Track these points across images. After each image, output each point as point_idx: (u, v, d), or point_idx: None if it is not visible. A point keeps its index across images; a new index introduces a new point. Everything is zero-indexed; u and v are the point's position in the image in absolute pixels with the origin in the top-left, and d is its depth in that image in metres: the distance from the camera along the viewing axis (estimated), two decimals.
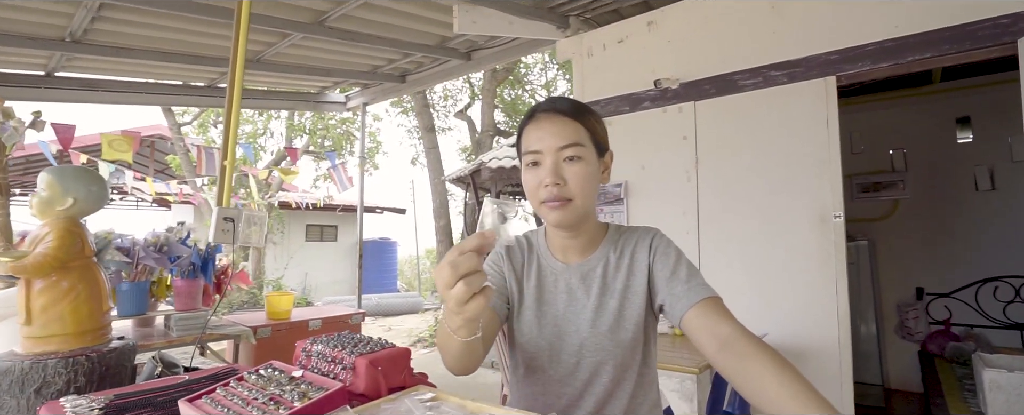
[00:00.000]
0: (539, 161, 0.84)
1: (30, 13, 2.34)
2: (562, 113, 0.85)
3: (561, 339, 0.89)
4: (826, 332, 2.08)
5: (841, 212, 2.07)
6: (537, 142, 0.84)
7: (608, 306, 0.88)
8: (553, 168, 0.82)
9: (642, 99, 2.66)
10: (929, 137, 3.48)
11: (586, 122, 0.86)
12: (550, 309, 0.92)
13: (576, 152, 0.83)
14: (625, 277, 0.90)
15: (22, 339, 1.14)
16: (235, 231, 1.53)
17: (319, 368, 0.77)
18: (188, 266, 2.80)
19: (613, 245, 0.93)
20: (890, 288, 3.55)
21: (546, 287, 0.93)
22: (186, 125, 9.60)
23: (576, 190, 0.82)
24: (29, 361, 1.08)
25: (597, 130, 0.88)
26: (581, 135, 0.84)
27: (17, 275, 1.12)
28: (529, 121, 0.89)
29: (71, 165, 1.24)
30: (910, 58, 1.93)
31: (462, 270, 0.56)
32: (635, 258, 0.90)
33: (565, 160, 0.83)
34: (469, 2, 2.46)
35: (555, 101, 0.89)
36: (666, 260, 0.87)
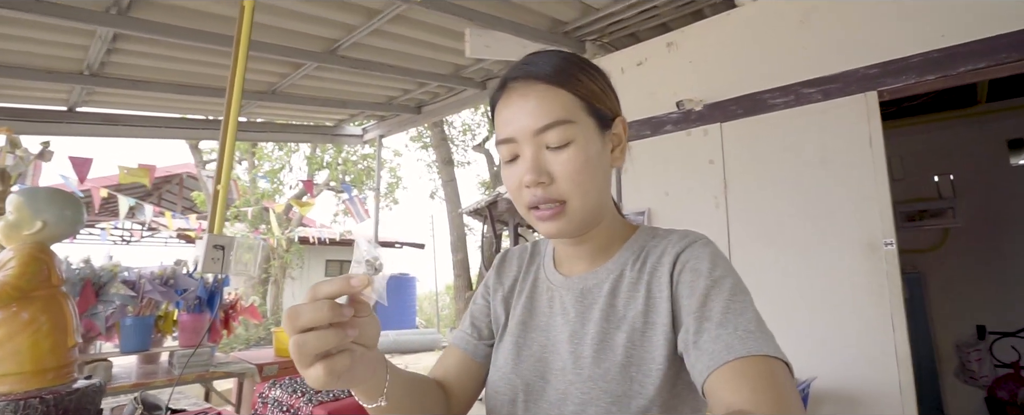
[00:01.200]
0: (517, 153, 0.61)
1: (48, 46, 2.38)
2: (538, 79, 0.60)
3: (543, 379, 0.63)
4: (884, 375, 1.83)
5: (892, 239, 1.85)
6: (507, 125, 0.61)
7: (613, 341, 0.60)
8: (533, 162, 0.59)
9: (664, 122, 2.53)
10: (979, 161, 3.23)
11: (576, 86, 0.61)
12: (537, 337, 0.66)
13: (562, 135, 0.59)
14: (643, 302, 0.61)
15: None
16: (225, 259, 1.42)
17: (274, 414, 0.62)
18: (194, 300, 2.72)
19: (635, 255, 0.66)
20: (946, 326, 3.23)
21: (537, 308, 0.69)
22: (212, 162, 9.85)
23: (568, 187, 0.59)
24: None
25: (594, 92, 0.62)
26: (568, 107, 0.60)
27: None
28: (500, 95, 0.64)
29: (45, 187, 1.15)
30: (961, 69, 1.76)
31: (302, 322, 0.42)
32: (656, 275, 0.62)
33: (549, 148, 0.60)
34: (481, 26, 2.40)
35: (531, 63, 0.63)
36: (695, 280, 0.58)
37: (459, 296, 7.30)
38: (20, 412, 0.98)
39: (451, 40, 2.72)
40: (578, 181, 0.59)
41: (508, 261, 0.77)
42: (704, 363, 0.51)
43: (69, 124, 3.18)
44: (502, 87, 0.64)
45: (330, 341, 0.42)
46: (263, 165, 9.87)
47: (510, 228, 5.35)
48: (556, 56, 0.63)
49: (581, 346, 0.61)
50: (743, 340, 0.50)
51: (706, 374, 0.50)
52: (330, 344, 0.42)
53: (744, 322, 0.52)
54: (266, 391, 0.69)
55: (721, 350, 0.50)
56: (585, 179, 0.59)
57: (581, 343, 0.61)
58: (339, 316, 0.43)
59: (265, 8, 2.20)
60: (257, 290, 8.34)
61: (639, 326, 0.60)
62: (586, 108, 0.61)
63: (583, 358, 0.60)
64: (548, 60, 0.62)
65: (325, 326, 0.42)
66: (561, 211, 0.60)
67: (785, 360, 0.51)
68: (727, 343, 0.50)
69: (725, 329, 0.52)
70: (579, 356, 0.61)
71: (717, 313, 0.54)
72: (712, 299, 0.55)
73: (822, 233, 2.00)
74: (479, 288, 0.78)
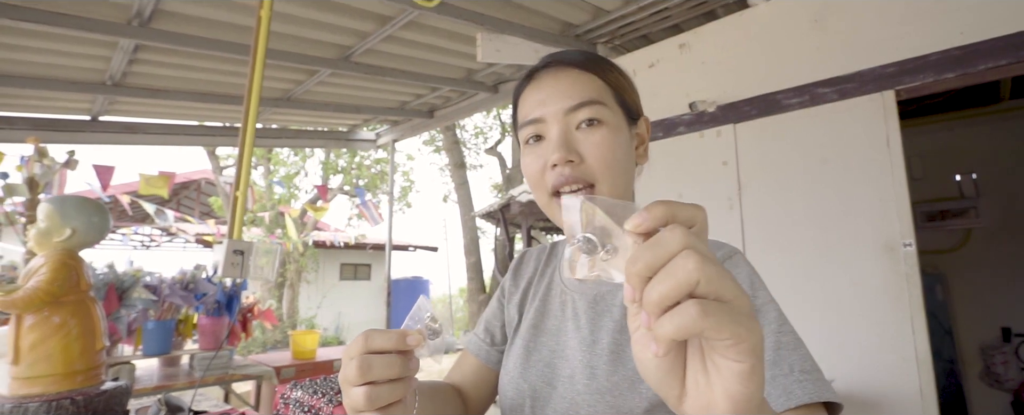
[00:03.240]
0: (541, 133, 0.59)
1: (73, 58, 2.45)
2: (571, 64, 0.60)
3: (549, 386, 0.61)
4: (904, 380, 1.80)
5: (912, 240, 1.83)
6: (538, 106, 0.59)
7: (626, 354, 0.57)
8: (562, 138, 0.57)
9: (677, 124, 2.52)
10: (1003, 160, 3.16)
11: (607, 75, 0.61)
12: (547, 342, 0.64)
13: (594, 113, 0.57)
14: None
15: (9, 380, 1.06)
16: (244, 264, 1.45)
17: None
18: (213, 304, 2.77)
19: None
20: (970, 328, 3.15)
21: (549, 312, 0.67)
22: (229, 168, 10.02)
23: (599, 168, 0.56)
24: (10, 404, 0.99)
25: (624, 87, 0.62)
26: (601, 91, 0.59)
27: (6, 310, 1.05)
28: (527, 83, 0.63)
29: (74, 195, 1.19)
30: (982, 66, 1.73)
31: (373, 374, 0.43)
32: None
33: (579, 127, 0.57)
34: (492, 30, 2.42)
35: (561, 53, 0.63)
36: None
37: (472, 299, 7.31)
38: (52, 412, 1.01)
39: (463, 45, 2.74)
40: (609, 163, 0.56)
41: (525, 262, 0.76)
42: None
43: (93, 133, 3.26)
44: (529, 77, 0.63)
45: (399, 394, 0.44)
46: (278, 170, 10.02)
47: (523, 231, 5.36)
48: (584, 51, 0.64)
49: (593, 356, 0.59)
50: (801, 383, 0.48)
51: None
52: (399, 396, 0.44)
53: (798, 361, 0.50)
54: (288, 392, 0.71)
55: (779, 394, 0.48)
56: (614, 163, 0.57)
57: (593, 353, 0.59)
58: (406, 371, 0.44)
59: (281, 17, 2.24)
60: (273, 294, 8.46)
61: None
62: (616, 97, 0.60)
63: (596, 369, 0.58)
64: (577, 52, 0.63)
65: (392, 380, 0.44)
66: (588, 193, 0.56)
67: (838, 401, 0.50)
68: (785, 387, 0.48)
69: (779, 369, 0.49)
70: (591, 367, 0.58)
71: (768, 349, 0.51)
72: None
73: (839, 235, 1.98)
74: (496, 291, 0.77)
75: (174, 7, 2.06)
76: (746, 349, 0.29)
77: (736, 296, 0.29)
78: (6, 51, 2.32)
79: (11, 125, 3.02)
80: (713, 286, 0.28)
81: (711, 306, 0.28)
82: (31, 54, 2.37)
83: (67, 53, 2.38)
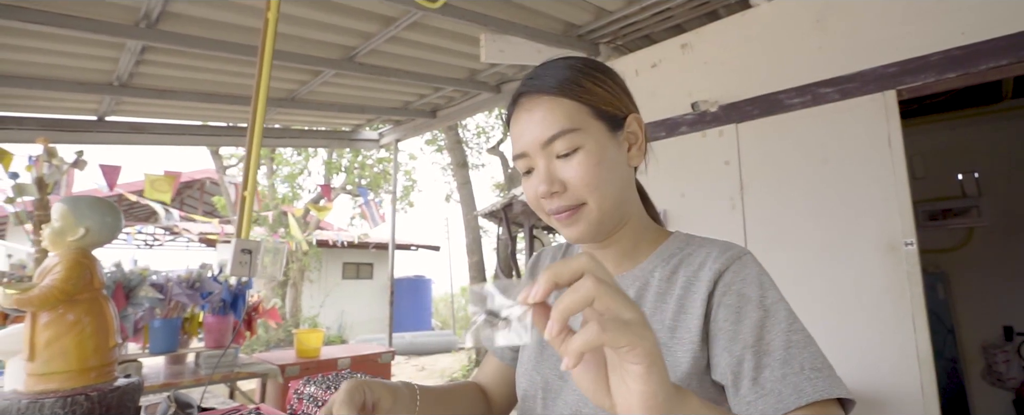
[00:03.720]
0: (531, 166, 0.63)
1: (81, 59, 2.47)
2: (543, 92, 0.62)
3: (561, 379, 0.64)
4: (905, 378, 1.81)
5: (913, 239, 1.84)
6: (519, 140, 0.63)
7: None
8: (545, 173, 0.60)
9: (679, 123, 2.53)
10: (1005, 159, 3.17)
11: (579, 93, 0.62)
12: None
13: (569, 143, 0.59)
14: (672, 315, 0.60)
15: (25, 376, 1.08)
16: (252, 263, 1.48)
17: (309, 411, 0.66)
18: (218, 302, 2.79)
19: (664, 262, 0.65)
20: (972, 327, 3.16)
21: None
22: (232, 167, 10.06)
23: (583, 191, 0.60)
24: (27, 400, 1.02)
25: (602, 96, 0.63)
26: (572, 115, 0.61)
27: (22, 308, 1.07)
28: (512, 110, 0.66)
29: (86, 196, 1.21)
30: (984, 66, 1.74)
31: None
32: (691, 289, 0.60)
33: (558, 157, 0.61)
34: (496, 31, 2.44)
35: (536, 76, 0.64)
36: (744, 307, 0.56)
37: None
38: (68, 408, 1.03)
39: (466, 45, 2.76)
40: (592, 184, 0.60)
41: (540, 261, 0.79)
42: (769, 404, 0.51)
43: (99, 133, 3.29)
44: (513, 102, 0.66)
45: None
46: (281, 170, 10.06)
47: (525, 230, 5.38)
48: (561, 66, 0.64)
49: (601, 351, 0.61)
50: (812, 381, 0.51)
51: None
52: None
53: (809, 359, 0.52)
54: (301, 387, 0.73)
55: (789, 392, 0.50)
56: (599, 181, 0.60)
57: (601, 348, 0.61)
58: None
59: (286, 18, 2.26)
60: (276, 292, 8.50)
61: (664, 339, 0.59)
62: (593, 113, 0.62)
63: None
64: (553, 72, 0.64)
65: None
66: (579, 213, 0.61)
67: (850, 397, 0.52)
68: (796, 385, 0.50)
69: (790, 368, 0.52)
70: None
71: (778, 348, 0.53)
72: (769, 331, 0.54)
73: (841, 234, 1.99)
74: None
75: (181, 9, 2.08)
76: (641, 353, 0.36)
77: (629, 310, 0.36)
78: (14, 52, 2.35)
79: (20, 125, 3.05)
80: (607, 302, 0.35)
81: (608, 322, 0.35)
82: (40, 55, 2.40)
83: (75, 55, 2.40)
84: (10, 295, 1.04)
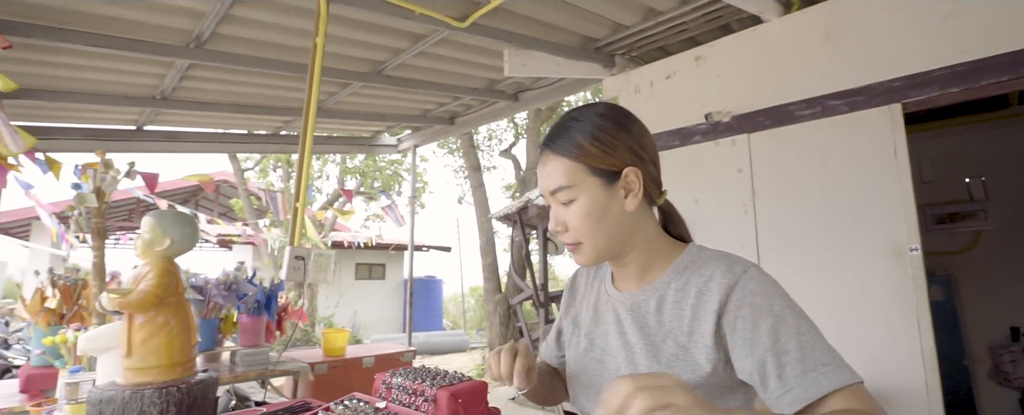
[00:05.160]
0: (550, 203, 0.80)
1: (129, 75, 2.64)
2: (552, 151, 0.77)
3: (601, 378, 0.79)
4: (911, 377, 1.92)
5: (917, 245, 1.94)
6: (540, 184, 0.81)
7: (663, 351, 0.72)
8: (554, 214, 0.78)
9: (693, 133, 2.65)
10: (1011, 163, 3.25)
11: (580, 155, 0.75)
12: (600, 342, 0.82)
13: (566, 195, 0.75)
14: (689, 320, 0.71)
15: (123, 370, 1.23)
16: (306, 269, 1.62)
17: (400, 400, 0.79)
18: (253, 304, 2.95)
19: (680, 274, 0.76)
20: (980, 328, 3.25)
21: (600, 317, 0.84)
22: (249, 170, 10.27)
23: (580, 232, 0.76)
24: (129, 391, 1.16)
25: (597, 156, 0.75)
26: (571, 174, 0.75)
27: (122, 310, 1.22)
28: (539, 157, 0.83)
29: (170, 210, 1.36)
30: (985, 82, 1.84)
31: None
32: (703, 299, 0.71)
33: (561, 204, 0.77)
34: (519, 47, 2.57)
35: (551, 135, 0.79)
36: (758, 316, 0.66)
37: (489, 298, 7.47)
38: (163, 398, 1.18)
39: (488, 58, 2.89)
40: (584, 229, 0.76)
41: (577, 280, 0.96)
42: (796, 395, 0.61)
43: (137, 142, 3.46)
44: (540, 152, 0.82)
45: None
46: None
47: (539, 232, 5.50)
48: (572, 128, 0.77)
49: (633, 354, 0.75)
50: (827, 375, 0.61)
51: (797, 407, 0.61)
52: None
53: (820, 355, 0.64)
54: (388, 378, 0.85)
55: (810, 385, 0.61)
56: (590, 227, 0.75)
57: (632, 351, 0.75)
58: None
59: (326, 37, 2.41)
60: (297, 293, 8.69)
61: (684, 342, 0.71)
62: (588, 170, 0.75)
63: (638, 366, 0.73)
64: (564, 133, 0.77)
65: None
66: (579, 248, 0.78)
67: (859, 379, 0.63)
68: (814, 379, 0.61)
69: (808, 364, 0.62)
70: (634, 364, 0.74)
71: (794, 348, 0.63)
72: (783, 334, 0.64)
73: (849, 240, 2.10)
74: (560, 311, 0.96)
75: (229, 31, 2.23)
76: None
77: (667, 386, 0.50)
78: (70, 70, 2.52)
79: (65, 135, 3.22)
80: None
81: None
82: (94, 72, 2.56)
83: (127, 71, 2.57)
84: (113, 299, 1.18)
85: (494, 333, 7.26)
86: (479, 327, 12.79)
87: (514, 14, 2.36)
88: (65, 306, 2.46)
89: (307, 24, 2.25)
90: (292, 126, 4.00)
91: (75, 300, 2.53)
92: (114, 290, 1.20)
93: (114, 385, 1.22)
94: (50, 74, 2.55)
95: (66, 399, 1.38)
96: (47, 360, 2.24)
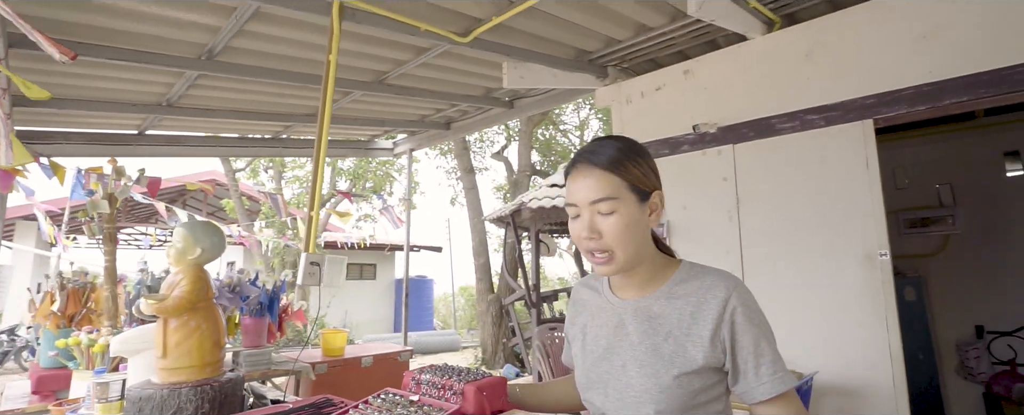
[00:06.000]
0: (578, 214, 0.86)
1: (138, 84, 2.70)
2: (596, 166, 0.85)
3: (611, 375, 0.89)
4: (880, 371, 2.08)
5: (887, 251, 2.10)
6: (573, 195, 0.86)
7: (663, 350, 0.84)
8: (589, 222, 0.84)
9: (681, 143, 2.79)
10: (977, 171, 3.45)
11: (623, 172, 0.85)
12: (601, 343, 0.92)
13: (609, 207, 0.83)
14: (687, 323, 0.84)
15: (158, 370, 1.33)
16: (321, 273, 1.72)
17: (429, 394, 0.90)
18: (256, 305, 3.03)
19: (678, 285, 0.88)
20: (947, 326, 3.45)
21: (603, 323, 0.94)
22: (240, 171, 10.24)
23: (613, 243, 0.83)
24: (166, 389, 1.26)
25: (637, 176, 0.86)
26: (615, 187, 0.83)
27: (158, 315, 1.31)
28: (570, 171, 0.90)
29: (200, 220, 1.45)
30: (948, 101, 2.01)
31: None
32: (703, 306, 0.84)
33: (599, 214, 0.84)
34: (517, 59, 2.69)
35: (593, 152, 0.87)
36: (749, 330, 0.82)
37: (481, 299, 7.59)
38: (199, 396, 1.28)
39: (487, 68, 3.00)
40: (621, 238, 0.83)
41: (579, 292, 1.05)
42: (767, 388, 0.81)
43: (139, 146, 3.52)
44: (572, 165, 0.90)
45: None
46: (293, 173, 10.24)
47: (531, 234, 5.63)
48: (611, 147, 0.88)
49: (637, 352, 0.86)
50: (783, 380, 0.82)
51: (763, 398, 0.81)
52: None
53: (782, 363, 0.83)
54: (417, 375, 0.96)
55: (777, 383, 0.81)
56: (625, 238, 0.84)
57: (636, 350, 0.86)
58: None
59: None
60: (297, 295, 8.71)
61: (681, 338, 0.84)
62: (628, 187, 0.85)
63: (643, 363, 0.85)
64: (606, 152, 0.87)
65: None
66: (611, 259, 0.85)
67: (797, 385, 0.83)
68: (781, 379, 0.82)
69: (776, 367, 0.82)
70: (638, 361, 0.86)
71: (767, 353, 0.83)
72: (762, 345, 0.83)
73: (824, 245, 2.26)
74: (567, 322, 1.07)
75: (241, 44, 2.32)
76: None
77: None
78: (82, 79, 2.58)
79: (68, 140, 3.27)
80: None
81: None
82: (104, 82, 2.63)
83: (137, 81, 2.64)
84: (151, 305, 1.28)
85: (486, 332, 7.38)
86: (469, 327, 12.89)
87: (513, 29, 2.48)
88: (73, 309, 2.52)
89: (315, 38, 2.35)
90: (292, 131, 4.08)
91: (84, 303, 2.59)
92: (151, 296, 1.29)
93: (150, 384, 1.32)
94: (61, 83, 2.61)
95: (97, 398, 1.47)
96: (59, 362, 2.31)
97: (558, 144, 10.82)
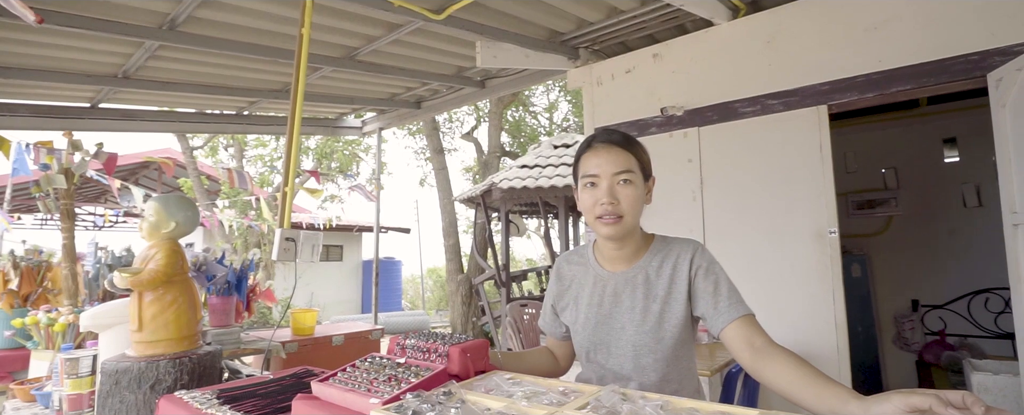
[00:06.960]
0: (596, 183, 1.02)
1: (93, 54, 2.57)
2: (616, 144, 1.04)
3: (611, 336, 1.05)
4: (826, 339, 2.25)
5: (836, 229, 2.26)
6: (595, 167, 1.02)
7: (652, 310, 1.02)
8: (609, 190, 1.00)
9: (649, 125, 2.88)
10: (918, 157, 3.70)
11: (635, 152, 1.05)
12: (601, 311, 1.07)
13: (629, 177, 1.00)
14: (667, 285, 1.03)
15: (134, 343, 1.32)
16: (296, 250, 1.72)
17: (415, 357, 0.95)
18: (223, 284, 2.98)
19: (655, 255, 1.07)
20: (887, 300, 3.73)
21: (597, 293, 1.09)
22: (198, 149, 9.84)
23: (627, 208, 1.00)
24: (144, 362, 1.26)
25: (643, 159, 1.06)
26: (632, 163, 1.02)
27: (132, 288, 1.30)
28: (587, 149, 1.07)
29: (173, 194, 1.44)
30: (894, 89, 2.15)
31: None
32: (677, 269, 1.03)
33: (619, 183, 1.00)
34: (491, 39, 2.69)
35: (610, 133, 1.07)
36: (709, 277, 1.01)
37: (451, 279, 7.63)
38: (177, 368, 1.28)
39: (459, 47, 3.00)
40: (632, 205, 1.01)
41: (561, 266, 1.19)
42: (724, 318, 0.97)
43: (91, 120, 3.35)
44: (589, 145, 1.07)
45: None
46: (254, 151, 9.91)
47: (501, 214, 5.68)
48: (624, 133, 1.08)
49: (634, 314, 1.04)
50: (741, 305, 0.98)
51: (725, 324, 0.96)
52: None
53: (738, 297, 1.00)
54: (401, 341, 1.00)
55: (733, 311, 0.97)
56: (635, 206, 1.02)
57: (633, 312, 1.04)
58: None
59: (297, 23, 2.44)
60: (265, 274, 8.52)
61: (663, 297, 1.03)
62: (639, 166, 1.05)
63: (638, 323, 1.03)
64: (620, 134, 1.07)
65: None
66: (619, 221, 1.01)
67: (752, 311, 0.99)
68: (736, 307, 0.98)
69: (731, 299, 0.99)
70: (634, 322, 1.04)
71: (725, 291, 1.00)
72: (720, 285, 1.01)
73: (781, 223, 2.40)
74: (548, 296, 1.20)
75: (206, 14, 2.23)
76: None
77: None
78: (27, 47, 2.43)
79: (12, 112, 3.09)
80: None
81: None
82: (54, 50, 2.48)
83: (90, 50, 2.50)
84: (125, 278, 1.27)
85: (456, 312, 7.45)
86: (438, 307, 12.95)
87: (487, 8, 2.48)
88: (28, 288, 2.43)
89: (284, 10, 2.29)
90: (257, 107, 3.96)
91: (40, 282, 2.50)
92: (125, 270, 1.28)
93: (126, 357, 1.31)
94: (7, 51, 2.45)
95: (66, 374, 1.45)
96: (16, 342, 2.23)
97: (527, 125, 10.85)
